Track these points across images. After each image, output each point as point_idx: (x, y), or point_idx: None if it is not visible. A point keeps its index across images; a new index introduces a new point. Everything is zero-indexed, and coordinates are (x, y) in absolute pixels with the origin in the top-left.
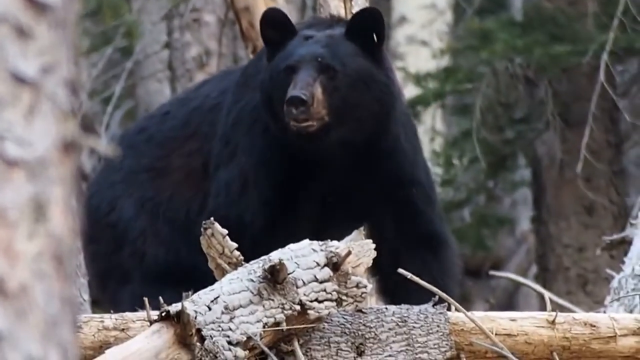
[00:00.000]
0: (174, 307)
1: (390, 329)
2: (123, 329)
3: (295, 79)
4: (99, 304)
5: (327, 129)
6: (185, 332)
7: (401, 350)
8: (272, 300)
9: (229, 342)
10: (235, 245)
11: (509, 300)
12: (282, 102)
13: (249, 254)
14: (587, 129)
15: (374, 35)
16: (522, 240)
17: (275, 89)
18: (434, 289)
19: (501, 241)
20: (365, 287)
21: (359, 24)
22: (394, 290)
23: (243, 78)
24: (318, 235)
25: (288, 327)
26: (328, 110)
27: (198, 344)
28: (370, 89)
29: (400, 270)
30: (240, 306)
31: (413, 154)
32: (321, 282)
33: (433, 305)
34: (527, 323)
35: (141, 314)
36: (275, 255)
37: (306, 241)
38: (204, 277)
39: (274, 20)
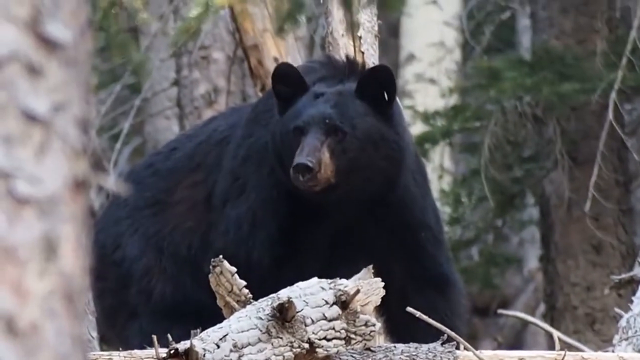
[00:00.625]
0: (183, 345)
1: None
2: None
3: (303, 142)
4: (107, 341)
5: (334, 188)
6: None
7: None
8: (281, 338)
9: None
10: (244, 283)
11: (517, 339)
12: (291, 160)
13: (257, 292)
14: (596, 167)
15: (385, 94)
16: (530, 279)
17: (284, 148)
18: (443, 327)
19: (509, 280)
20: (373, 325)
21: (370, 82)
22: (402, 329)
23: (253, 114)
24: (326, 273)
25: None
26: (335, 173)
27: None
28: (379, 149)
29: (409, 309)
30: (249, 344)
31: (422, 198)
32: (330, 321)
33: (442, 344)
34: None
35: (149, 351)
36: (284, 293)
37: (315, 279)
38: (212, 314)
39: (285, 76)
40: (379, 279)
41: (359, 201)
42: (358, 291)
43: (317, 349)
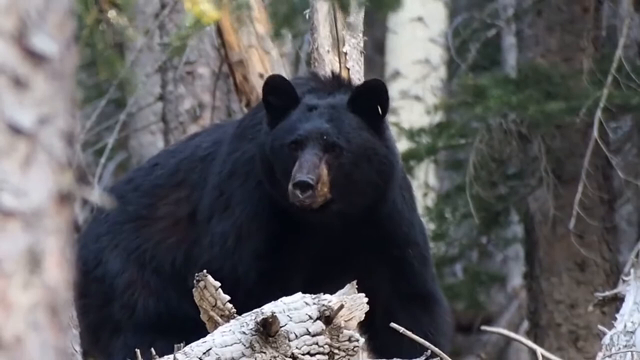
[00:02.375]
0: (166, 359)
1: None
2: None
3: (301, 158)
4: (90, 355)
5: (329, 204)
6: None
7: None
8: (264, 353)
9: None
10: (227, 297)
11: (500, 356)
12: (285, 173)
13: (242, 306)
14: (580, 185)
15: (378, 108)
16: (513, 296)
17: (278, 161)
18: (427, 343)
19: (493, 297)
20: (357, 340)
21: (363, 96)
22: (386, 346)
23: (239, 129)
24: (311, 288)
25: None
26: (331, 188)
27: None
28: (372, 163)
29: (393, 325)
30: (233, 359)
31: (409, 215)
32: (313, 336)
33: None
34: None
35: None
36: (267, 308)
37: (299, 294)
38: (195, 327)
39: (276, 87)
40: (363, 295)
41: (351, 217)
42: (342, 306)
43: None
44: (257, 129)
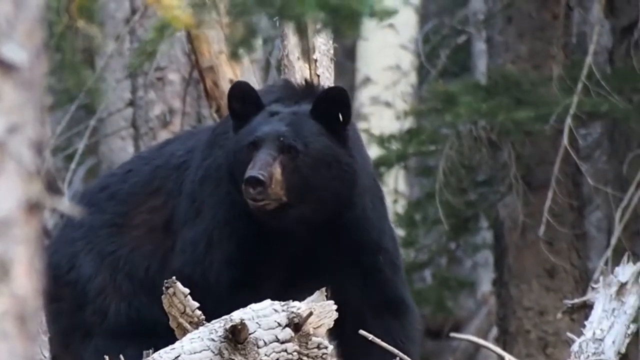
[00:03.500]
0: None
1: None
2: None
3: (255, 157)
4: None
5: (285, 208)
6: None
7: None
8: None
9: None
10: (196, 304)
11: None
12: (243, 175)
13: (213, 313)
14: (550, 192)
15: (340, 115)
16: (483, 302)
17: (237, 164)
18: (396, 351)
19: (462, 303)
20: (326, 348)
21: (325, 103)
22: (355, 353)
23: (212, 137)
24: (282, 295)
25: None
26: (286, 191)
27: None
28: (332, 169)
29: (362, 332)
30: None
31: (379, 222)
32: (282, 343)
33: None
34: None
35: None
36: (236, 315)
37: (268, 301)
38: (166, 333)
39: (240, 94)
40: (332, 302)
41: (313, 223)
42: (311, 314)
43: None
44: (227, 136)
